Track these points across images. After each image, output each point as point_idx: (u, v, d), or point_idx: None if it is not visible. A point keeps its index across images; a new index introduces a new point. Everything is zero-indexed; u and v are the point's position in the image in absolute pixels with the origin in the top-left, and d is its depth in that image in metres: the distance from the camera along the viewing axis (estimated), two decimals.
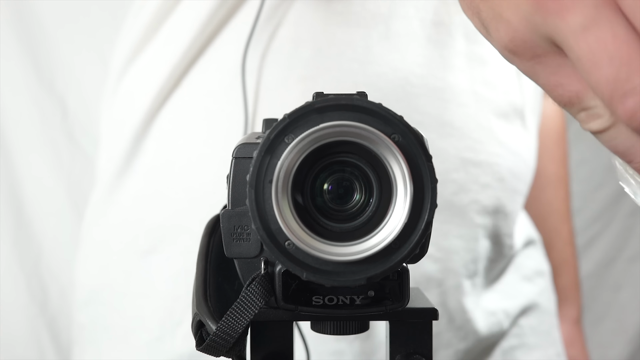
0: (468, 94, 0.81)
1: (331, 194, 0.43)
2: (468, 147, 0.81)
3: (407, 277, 0.44)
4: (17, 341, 1.51)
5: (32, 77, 1.52)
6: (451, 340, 0.83)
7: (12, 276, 1.50)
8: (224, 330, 0.42)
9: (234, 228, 0.44)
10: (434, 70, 0.79)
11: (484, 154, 0.82)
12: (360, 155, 0.42)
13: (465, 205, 0.81)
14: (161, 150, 0.83)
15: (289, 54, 0.79)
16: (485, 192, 0.82)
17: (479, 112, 0.82)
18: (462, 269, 0.82)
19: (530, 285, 0.93)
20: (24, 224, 1.51)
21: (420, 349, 0.47)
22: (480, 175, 0.82)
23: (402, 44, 0.79)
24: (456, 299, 0.82)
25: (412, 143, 0.41)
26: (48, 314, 1.51)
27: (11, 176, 1.51)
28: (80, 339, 0.89)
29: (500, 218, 0.85)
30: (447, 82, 0.80)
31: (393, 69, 0.78)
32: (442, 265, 0.81)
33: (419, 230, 0.41)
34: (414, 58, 0.79)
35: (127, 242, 0.84)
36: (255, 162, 0.41)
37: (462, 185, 0.80)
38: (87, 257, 0.90)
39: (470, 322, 0.84)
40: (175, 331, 0.80)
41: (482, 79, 0.83)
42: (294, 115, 0.41)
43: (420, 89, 0.79)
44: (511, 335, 0.89)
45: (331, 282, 0.41)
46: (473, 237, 0.82)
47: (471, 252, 0.82)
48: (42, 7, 1.51)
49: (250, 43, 0.79)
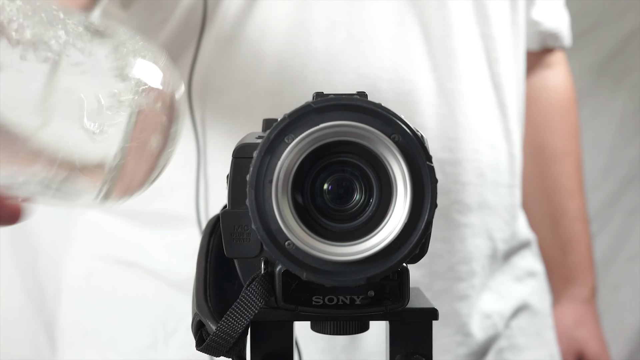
0: (438, 93, 0.80)
1: (331, 194, 0.43)
2: (444, 147, 0.80)
3: (407, 277, 0.44)
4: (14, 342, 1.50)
5: None
6: (448, 346, 0.82)
7: (9, 276, 1.50)
8: (224, 330, 0.42)
9: (234, 228, 0.44)
10: (401, 73, 0.78)
11: (461, 152, 0.81)
12: (360, 155, 0.42)
13: (447, 207, 0.80)
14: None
15: (253, 71, 0.78)
16: (466, 190, 0.81)
17: (454, 109, 0.80)
18: (449, 272, 0.81)
19: (521, 286, 0.91)
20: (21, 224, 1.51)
21: (420, 349, 0.47)
22: (460, 174, 0.80)
23: (366, 48, 0.78)
24: (448, 304, 0.82)
25: (412, 143, 0.41)
26: (45, 314, 1.50)
27: None
28: (60, 341, 0.88)
29: (486, 214, 0.84)
30: (415, 83, 0.79)
31: (359, 75, 0.77)
32: (427, 269, 0.80)
33: (419, 230, 0.41)
34: (379, 62, 0.78)
35: (112, 251, 0.84)
36: (255, 162, 0.41)
37: (441, 187, 0.79)
38: (71, 261, 0.89)
39: (466, 326, 0.83)
40: (169, 340, 0.80)
41: (452, 74, 0.81)
42: (294, 115, 0.41)
43: (389, 93, 0.77)
44: (502, 337, 0.88)
45: (331, 282, 0.41)
46: (459, 237, 0.81)
47: (457, 253, 0.81)
48: None
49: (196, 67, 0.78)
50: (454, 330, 0.82)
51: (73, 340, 0.86)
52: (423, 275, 0.80)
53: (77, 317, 0.86)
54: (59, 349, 0.89)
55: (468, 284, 0.83)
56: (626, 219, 1.72)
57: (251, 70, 0.78)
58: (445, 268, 0.81)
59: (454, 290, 0.82)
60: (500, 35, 0.85)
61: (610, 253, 1.72)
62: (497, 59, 0.84)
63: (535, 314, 0.93)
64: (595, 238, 1.72)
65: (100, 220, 0.86)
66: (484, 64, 0.84)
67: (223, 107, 0.79)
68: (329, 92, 0.75)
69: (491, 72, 0.84)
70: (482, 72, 0.84)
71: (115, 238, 0.85)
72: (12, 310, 1.50)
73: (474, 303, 0.84)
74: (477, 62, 0.83)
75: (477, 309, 0.84)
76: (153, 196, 0.80)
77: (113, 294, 0.83)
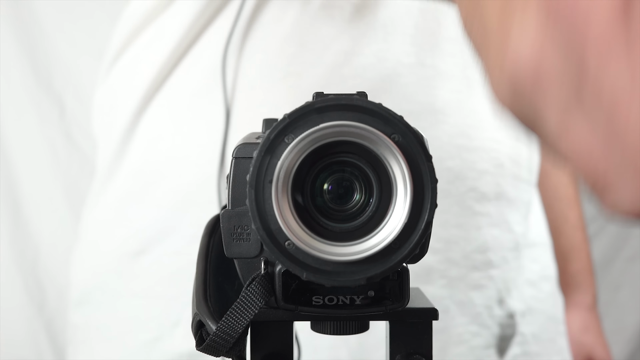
0: (460, 80, 0.80)
1: (331, 194, 0.43)
2: (462, 133, 0.80)
3: (407, 277, 0.44)
4: (15, 342, 1.50)
5: (29, 76, 1.51)
6: (463, 336, 0.81)
7: (10, 276, 1.50)
8: (224, 330, 0.42)
9: (234, 228, 0.44)
10: (423, 58, 0.79)
11: (479, 140, 0.80)
12: (360, 155, 0.42)
13: (463, 193, 0.80)
14: (148, 150, 0.83)
15: (273, 52, 0.78)
16: (483, 178, 0.81)
17: (473, 97, 0.81)
18: (464, 260, 0.80)
19: (534, 290, 0.90)
20: (21, 224, 1.51)
21: (420, 349, 0.47)
22: (477, 161, 0.80)
23: (389, 33, 0.78)
24: (463, 292, 0.81)
25: (412, 143, 0.41)
26: (45, 314, 1.51)
27: (8, 175, 1.51)
28: (74, 339, 0.89)
29: (504, 205, 0.83)
30: (437, 69, 0.79)
31: (380, 59, 0.77)
32: (442, 255, 0.79)
33: (419, 230, 0.41)
34: (401, 47, 0.78)
35: (117, 243, 0.84)
36: (255, 162, 0.41)
37: (458, 173, 0.79)
38: (81, 257, 0.90)
39: (481, 317, 0.82)
40: (174, 331, 0.80)
41: (473, 62, 0.81)
42: (294, 115, 0.41)
43: (409, 77, 0.78)
44: (514, 343, 0.87)
45: (331, 282, 0.41)
46: (475, 225, 0.81)
47: (473, 241, 0.81)
48: (40, 6, 1.50)
49: (231, 42, 0.78)
50: (469, 319, 0.81)
51: (86, 336, 0.86)
52: (439, 262, 0.79)
53: (88, 313, 0.86)
54: (72, 347, 0.89)
55: (484, 274, 0.82)
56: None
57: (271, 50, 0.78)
58: (460, 255, 0.80)
59: (469, 278, 0.81)
60: None
61: (610, 253, 1.72)
62: None
63: (548, 319, 0.92)
64: (595, 238, 1.73)
65: (108, 211, 0.86)
66: None
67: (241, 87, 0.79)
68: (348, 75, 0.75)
69: None
70: None
71: (121, 229, 0.85)
72: (12, 310, 1.51)
73: (492, 295, 0.83)
74: None
75: (497, 302, 0.83)
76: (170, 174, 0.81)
77: (120, 287, 0.84)
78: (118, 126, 0.85)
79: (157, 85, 0.83)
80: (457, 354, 0.80)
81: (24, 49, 1.51)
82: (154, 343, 0.80)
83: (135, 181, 0.83)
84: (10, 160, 1.51)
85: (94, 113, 0.93)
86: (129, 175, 0.84)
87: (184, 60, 0.82)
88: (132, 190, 0.83)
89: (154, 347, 0.80)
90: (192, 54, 0.82)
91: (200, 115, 0.81)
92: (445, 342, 0.79)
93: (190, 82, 0.82)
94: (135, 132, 0.84)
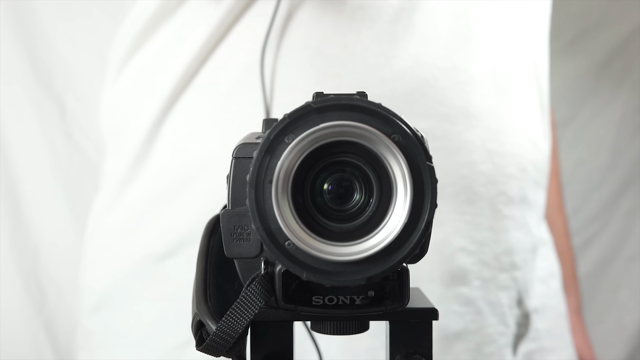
0: (490, 86, 0.81)
1: (331, 193, 0.43)
2: (493, 138, 0.81)
3: (407, 277, 0.44)
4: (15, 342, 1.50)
5: (30, 76, 1.51)
6: (493, 336, 0.82)
7: (10, 277, 1.50)
8: (224, 330, 0.42)
9: (234, 228, 0.44)
10: (457, 63, 0.79)
11: (507, 145, 0.82)
12: (360, 155, 0.42)
13: (494, 197, 0.81)
14: (174, 152, 0.82)
15: (313, 51, 0.77)
16: (510, 182, 0.82)
17: (501, 103, 0.82)
18: (495, 261, 0.82)
19: (544, 287, 0.92)
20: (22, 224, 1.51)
21: (420, 349, 0.47)
22: (505, 166, 0.82)
23: (424, 37, 0.79)
24: (493, 293, 0.82)
25: (412, 143, 0.41)
26: (45, 314, 1.50)
27: (9, 176, 1.51)
28: (88, 345, 0.87)
29: (525, 208, 0.85)
30: (469, 74, 0.80)
31: (418, 62, 0.78)
32: (476, 257, 0.80)
33: (419, 230, 0.41)
34: (437, 51, 0.79)
35: (139, 246, 0.83)
36: (255, 162, 0.41)
37: (491, 177, 0.80)
38: (94, 262, 0.88)
39: (505, 317, 0.83)
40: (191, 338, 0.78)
41: (502, 70, 0.83)
42: (294, 115, 0.41)
43: (445, 81, 0.78)
44: (529, 339, 0.88)
45: (331, 282, 0.41)
46: (503, 228, 0.82)
47: (502, 243, 0.82)
48: (41, 5, 1.50)
49: (268, 40, 0.77)
50: (498, 320, 0.83)
51: (104, 342, 0.85)
52: (473, 263, 0.80)
53: (106, 319, 0.85)
54: (86, 353, 0.87)
55: (509, 275, 0.83)
56: (626, 219, 1.72)
57: (311, 50, 0.77)
58: (491, 257, 0.82)
59: (498, 279, 0.82)
60: (542, 37, 0.89)
61: (610, 253, 1.72)
62: (538, 61, 0.88)
63: (557, 315, 0.94)
64: (595, 238, 1.73)
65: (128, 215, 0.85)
66: (531, 64, 0.86)
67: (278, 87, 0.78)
68: (388, 77, 0.75)
69: (535, 73, 0.87)
70: (528, 72, 0.86)
71: (144, 232, 0.83)
72: (12, 310, 1.50)
73: (513, 295, 0.84)
74: (525, 61, 0.86)
75: (517, 302, 0.85)
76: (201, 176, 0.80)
77: (143, 291, 0.82)
78: (140, 127, 0.83)
79: (184, 84, 0.81)
80: (488, 354, 0.81)
81: (24, 49, 1.51)
82: (185, 347, 0.79)
83: (161, 183, 0.82)
84: (10, 160, 1.51)
85: (103, 115, 0.91)
86: (153, 178, 0.82)
87: (213, 59, 0.81)
88: (157, 193, 0.82)
89: (185, 351, 0.79)
90: (222, 52, 0.80)
91: (236, 116, 0.79)
92: (478, 342, 0.81)
93: (223, 81, 0.80)
94: (160, 133, 0.82)
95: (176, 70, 0.81)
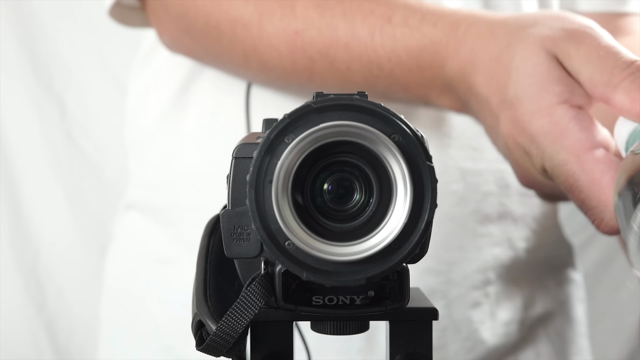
0: None
1: (331, 194, 0.43)
2: (467, 156, 0.80)
3: (407, 277, 0.44)
4: (15, 342, 1.50)
5: (30, 76, 1.51)
6: (458, 352, 0.82)
7: (10, 277, 1.50)
8: (224, 330, 0.42)
9: (234, 228, 0.44)
10: None
11: (484, 162, 0.81)
12: (360, 155, 0.42)
13: (466, 216, 0.80)
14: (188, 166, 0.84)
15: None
16: (486, 200, 0.81)
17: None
18: (464, 280, 0.82)
19: (553, 292, 0.91)
20: (22, 224, 1.51)
21: (420, 349, 0.47)
22: (481, 184, 0.81)
23: None
24: (461, 311, 0.82)
25: (412, 143, 0.41)
26: (46, 314, 1.51)
27: (9, 176, 1.51)
28: (100, 335, 0.91)
29: (508, 223, 0.84)
30: None
31: None
32: (444, 277, 0.80)
33: (419, 230, 0.41)
34: None
35: (149, 249, 0.86)
36: (255, 162, 0.41)
37: (462, 196, 0.80)
38: (113, 259, 0.91)
39: (477, 333, 0.83)
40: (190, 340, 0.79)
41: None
42: (294, 115, 0.41)
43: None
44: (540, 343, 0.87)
45: (331, 282, 0.41)
46: (475, 247, 0.82)
47: (473, 262, 0.82)
48: (41, 5, 1.50)
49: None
50: (465, 336, 0.82)
51: (111, 335, 0.89)
52: (440, 283, 0.80)
53: (114, 313, 0.89)
54: (101, 344, 0.91)
55: (482, 292, 0.83)
56: None
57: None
58: (461, 276, 0.81)
59: (468, 298, 0.82)
60: None
61: (610, 253, 1.72)
62: None
63: (567, 320, 0.92)
64: (595, 238, 1.72)
65: (135, 221, 0.88)
66: None
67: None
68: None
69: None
70: None
71: (147, 240, 0.86)
72: (13, 310, 1.51)
73: (487, 310, 0.84)
74: None
75: (492, 316, 0.84)
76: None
77: (145, 292, 0.85)
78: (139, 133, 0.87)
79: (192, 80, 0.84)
80: None
81: (24, 49, 1.51)
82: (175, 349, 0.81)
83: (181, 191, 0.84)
84: (10, 160, 1.51)
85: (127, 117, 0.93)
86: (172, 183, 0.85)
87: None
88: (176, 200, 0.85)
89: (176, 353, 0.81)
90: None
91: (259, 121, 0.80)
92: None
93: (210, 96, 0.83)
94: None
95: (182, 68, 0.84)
